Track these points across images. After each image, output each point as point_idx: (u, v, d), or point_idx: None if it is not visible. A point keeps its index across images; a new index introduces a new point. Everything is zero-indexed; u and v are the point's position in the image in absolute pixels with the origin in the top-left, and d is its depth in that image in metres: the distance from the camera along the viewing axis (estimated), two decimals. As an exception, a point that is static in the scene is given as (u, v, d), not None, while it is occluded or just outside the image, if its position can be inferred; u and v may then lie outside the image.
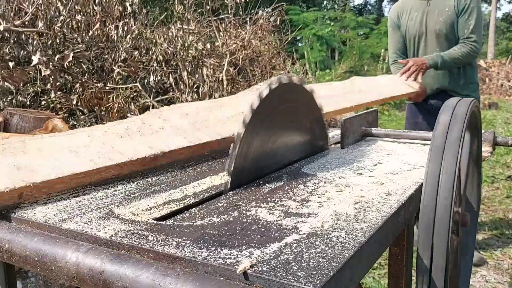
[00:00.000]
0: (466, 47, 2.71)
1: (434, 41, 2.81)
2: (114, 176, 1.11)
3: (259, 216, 0.85)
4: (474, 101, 1.14)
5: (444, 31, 2.76)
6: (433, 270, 0.90)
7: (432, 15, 2.80)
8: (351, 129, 1.58)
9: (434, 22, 2.79)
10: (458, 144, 0.97)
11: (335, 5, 16.65)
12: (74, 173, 1.00)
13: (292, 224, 0.81)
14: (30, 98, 3.04)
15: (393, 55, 3.05)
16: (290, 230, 0.78)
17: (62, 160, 1.03)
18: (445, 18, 2.75)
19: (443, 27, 2.76)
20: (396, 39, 3.01)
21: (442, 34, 2.77)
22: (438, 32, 2.78)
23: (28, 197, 0.93)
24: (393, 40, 3.03)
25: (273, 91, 1.07)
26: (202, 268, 0.65)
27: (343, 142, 1.52)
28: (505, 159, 5.54)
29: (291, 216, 0.85)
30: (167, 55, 3.70)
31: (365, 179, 1.11)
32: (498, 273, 2.73)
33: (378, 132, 1.68)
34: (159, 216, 0.88)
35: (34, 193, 0.94)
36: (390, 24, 3.04)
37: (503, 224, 3.51)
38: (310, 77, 6.06)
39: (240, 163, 1.04)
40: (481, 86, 15.46)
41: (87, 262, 0.69)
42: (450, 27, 2.75)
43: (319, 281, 0.59)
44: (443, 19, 2.75)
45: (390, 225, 0.86)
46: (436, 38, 2.80)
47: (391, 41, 3.06)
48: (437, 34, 2.78)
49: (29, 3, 3.22)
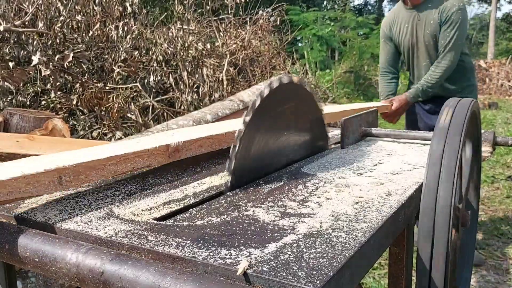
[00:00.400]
0: (440, 67, 2.73)
1: (424, 52, 2.84)
2: (144, 167, 1.11)
3: (259, 216, 0.85)
4: (474, 101, 1.14)
5: (431, 42, 2.79)
6: (433, 270, 0.91)
7: (420, 27, 2.82)
8: (351, 129, 1.58)
9: (422, 34, 2.82)
10: (458, 144, 0.97)
11: (335, 5, 16.65)
12: (107, 157, 1.01)
13: (292, 224, 0.81)
14: (30, 98, 3.04)
15: (383, 65, 3.10)
16: (290, 230, 0.78)
17: (94, 151, 1.07)
18: (431, 30, 2.76)
19: (430, 39, 2.79)
20: (386, 50, 3.05)
21: (430, 45, 2.80)
22: (427, 44, 2.81)
23: (68, 184, 0.93)
24: (384, 51, 3.07)
25: (274, 90, 1.08)
26: (202, 268, 0.66)
27: (343, 142, 1.52)
28: (505, 159, 5.54)
29: (291, 216, 0.85)
30: (167, 55, 3.70)
31: (365, 179, 1.11)
32: (498, 273, 2.73)
33: (378, 132, 1.68)
34: (159, 216, 0.88)
35: (72, 180, 0.93)
36: (381, 35, 3.08)
37: (503, 224, 3.51)
38: (310, 77, 6.07)
39: (241, 162, 1.04)
40: (481, 86, 15.46)
41: (87, 262, 0.69)
42: (435, 39, 2.78)
43: (319, 281, 0.59)
44: (429, 31, 2.77)
45: (390, 225, 0.86)
46: (426, 49, 2.83)
47: (382, 52, 3.09)
48: (426, 46, 2.81)
49: (29, 3, 3.22)
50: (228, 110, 2.34)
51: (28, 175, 0.86)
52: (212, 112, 2.21)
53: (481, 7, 44.05)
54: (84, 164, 0.96)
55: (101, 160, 0.99)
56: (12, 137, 1.93)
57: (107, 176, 1.01)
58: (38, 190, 0.88)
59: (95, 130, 2.94)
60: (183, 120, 1.94)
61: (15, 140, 1.88)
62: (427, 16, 2.77)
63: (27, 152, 1.80)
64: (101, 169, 0.99)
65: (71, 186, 0.94)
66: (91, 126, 2.98)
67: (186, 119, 1.96)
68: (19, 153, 1.79)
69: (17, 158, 1.78)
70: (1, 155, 1.74)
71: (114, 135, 2.80)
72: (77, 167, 0.94)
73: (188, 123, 1.93)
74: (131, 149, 1.07)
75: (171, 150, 1.16)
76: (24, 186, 0.85)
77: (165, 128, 1.83)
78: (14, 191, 0.84)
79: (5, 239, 0.79)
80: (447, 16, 2.70)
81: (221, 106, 2.33)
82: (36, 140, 1.95)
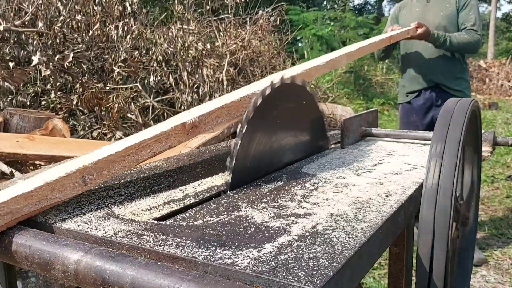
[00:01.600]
0: (471, 35, 2.77)
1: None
2: (164, 150, 1.09)
3: (259, 216, 0.85)
4: (474, 101, 1.14)
5: (443, 23, 2.85)
6: (433, 270, 0.90)
7: (432, 9, 2.90)
8: (351, 129, 1.58)
9: (434, 16, 2.88)
10: (458, 143, 0.97)
11: (335, 5, 16.64)
12: (124, 148, 1.00)
13: (292, 224, 0.81)
14: (30, 98, 3.04)
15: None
16: (290, 230, 0.78)
17: (111, 146, 1.06)
18: (446, 12, 2.85)
19: (443, 20, 2.85)
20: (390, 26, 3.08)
21: (441, 27, 2.85)
22: (437, 25, 2.85)
23: (93, 182, 0.93)
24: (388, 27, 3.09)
25: (275, 90, 1.08)
26: (202, 268, 0.65)
27: (343, 142, 1.52)
28: (505, 159, 5.54)
29: (291, 216, 0.85)
30: (167, 55, 3.70)
31: (365, 179, 1.11)
32: (498, 273, 2.73)
33: (378, 132, 1.68)
34: (159, 216, 0.88)
35: (97, 177, 0.94)
36: (391, 16, 3.20)
37: (503, 224, 3.51)
38: (310, 77, 6.06)
39: (241, 162, 1.04)
40: (481, 86, 15.47)
41: (87, 262, 0.69)
42: (450, 21, 2.85)
43: (319, 281, 0.59)
44: (443, 13, 2.86)
45: (390, 225, 0.86)
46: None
47: (386, 28, 3.10)
48: (436, 27, 2.85)
49: (29, 3, 3.22)
50: (228, 110, 2.34)
51: (51, 181, 0.87)
52: (212, 112, 2.21)
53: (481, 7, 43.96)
54: (104, 159, 0.95)
55: (120, 152, 0.98)
56: (12, 137, 1.93)
57: (130, 166, 1.00)
58: (65, 194, 0.89)
59: (95, 130, 2.94)
60: (183, 120, 1.95)
61: (15, 140, 1.88)
62: (442, 1, 2.86)
63: (27, 152, 1.80)
64: (122, 160, 0.98)
65: (96, 183, 0.95)
66: (91, 126, 2.98)
67: (186, 119, 1.96)
68: (19, 153, 1.79)
69: (17, 158, 1.78)
70: (1, 155, 1.75)
71: (114, 135, 2.80)
72: (97, 163, 0.94)
73: (188, 123, 1.93)
74: (148, 135, 1.06)
75: (188, 127, 1.13)
76: (50, 193, 0.87)
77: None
78: (41, 199, 0.86)
79: (5, 239, 0.80)
80: (466, 1, 2.80)
81: (221, 106, 2.33)
82: (36, 140, 1.96)
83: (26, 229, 0.81)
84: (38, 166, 2.00)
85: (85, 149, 1.74)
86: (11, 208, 0.81)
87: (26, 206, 0.83)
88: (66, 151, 1.99)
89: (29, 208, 0.84)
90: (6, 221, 0.80)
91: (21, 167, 1.98)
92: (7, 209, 0.81)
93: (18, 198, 0.83)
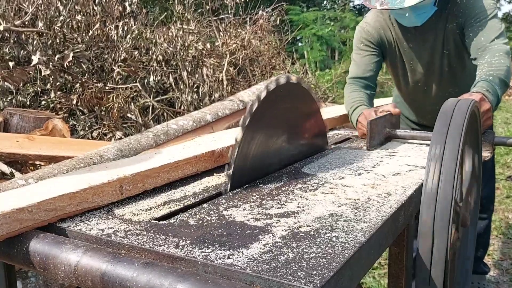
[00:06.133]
0: (500, 55, 1.77)
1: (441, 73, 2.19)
2: (192, 174, 1.16)
3: (259, 216, 0.85)
4: (473, 101, 1.14)
5: (454, 53, 2.27)
6: (433, 270, 0.90)
7: (434, 44, 2.08)
8: (376, 130, 1.53)
9: (440, 51, 2.34)
10: (458, 143, 0.96)
11: (335, 5, 16.64)
12: (161, 165, 1.07)
13: (292, 224, 0.81)
14: (30, 98, 3.03)
15: (357, 74, 2.34)
16: (290, 230, 0.78)
17: (149, 160, 1.14)
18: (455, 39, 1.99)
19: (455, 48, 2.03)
20: (368, 57, 2.27)
21: (452, 57, 2.30)
22: (450, 56, 2.38)
23: (128, 192, 0.98)
24: (364, 58, 2.33)
25: (273, 91, 1.08)
26: (202, 268, 0.66)
27: (369, 143, 1.49)
28: (505, 159, 5.54)
29: (291, 216, 0.85)
30: (167, 55, 3.69)
31: (364, 180, 1.11)
32: (498, 273, 2.73)
33: (404, 134, 1.61)
34: (159, 216, 0.88)
35: (132, 189, 0.99)
36: (364, 42, 2.31)
37: (503, 224, 3.50)
38: (310, 77, 6.06)
39: (240, 164, 1.04)
40: (481, 86, 15.41)
41: (87, 262, 0.69)
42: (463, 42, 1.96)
43: (319, 281, 0.59)
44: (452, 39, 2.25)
45: (390, 225, 0.86)
46: (443, 70, 2.34)
47: (359, 58, 2.36)
48: (449, 60, 2.35)
49: (29, 3, 3.22)
50: (228, 110, 2.33)
51: (95, 186, 0.91)
52: (212, 112, 2.21)
53: (481, 7, 43.64)
54: (142, 173, 1.02)
55: (156, 169, 1.05)
56: (12, 137, 1.92)
57: (161, 183, 1.07)
58: (102, 200, 0.93)
59: (95, 130, 2.93)
60: (183, 120, 1.94)
61: (15, 140, 1.88)
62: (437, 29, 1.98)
63: (27, 152, 1.80)
64: (156, 177, 1.05)
65: (130, 194, 1.00)
66: (91, 126, 2.97)
67: (186, 119, 1.96)
68: (19, 153, 1.78)
69: (17, 158, 1.78)
70: (1, 155, 1.74)
71: (114, 135, 2.80)
72: (135, 176, 1.00)
73: (188, 123, 1.93)
74: (181, 157, 1.14)
75: (216, 156, 1.23)
76: (91, 196, 0.91)
77: (165, 128, 1.83)
78: (82, 201, 0.89)
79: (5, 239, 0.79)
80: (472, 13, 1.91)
81: (221, 106, 2.33)
82: (36, 140, 1.95)
83: (25, 229, 0.81)
84: (38, 166, 1.99)
85: (86, 149, 1.74)
86: (56, 205, 0.84)
87: (69, 205, 0.87)
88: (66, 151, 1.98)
89: (70, 208, 0.87)
90: (49, 216, 0.83)
91: (21, 167, 1.98)
92: (52, 206, 0.83)
93: (64, 197, 0.86)
